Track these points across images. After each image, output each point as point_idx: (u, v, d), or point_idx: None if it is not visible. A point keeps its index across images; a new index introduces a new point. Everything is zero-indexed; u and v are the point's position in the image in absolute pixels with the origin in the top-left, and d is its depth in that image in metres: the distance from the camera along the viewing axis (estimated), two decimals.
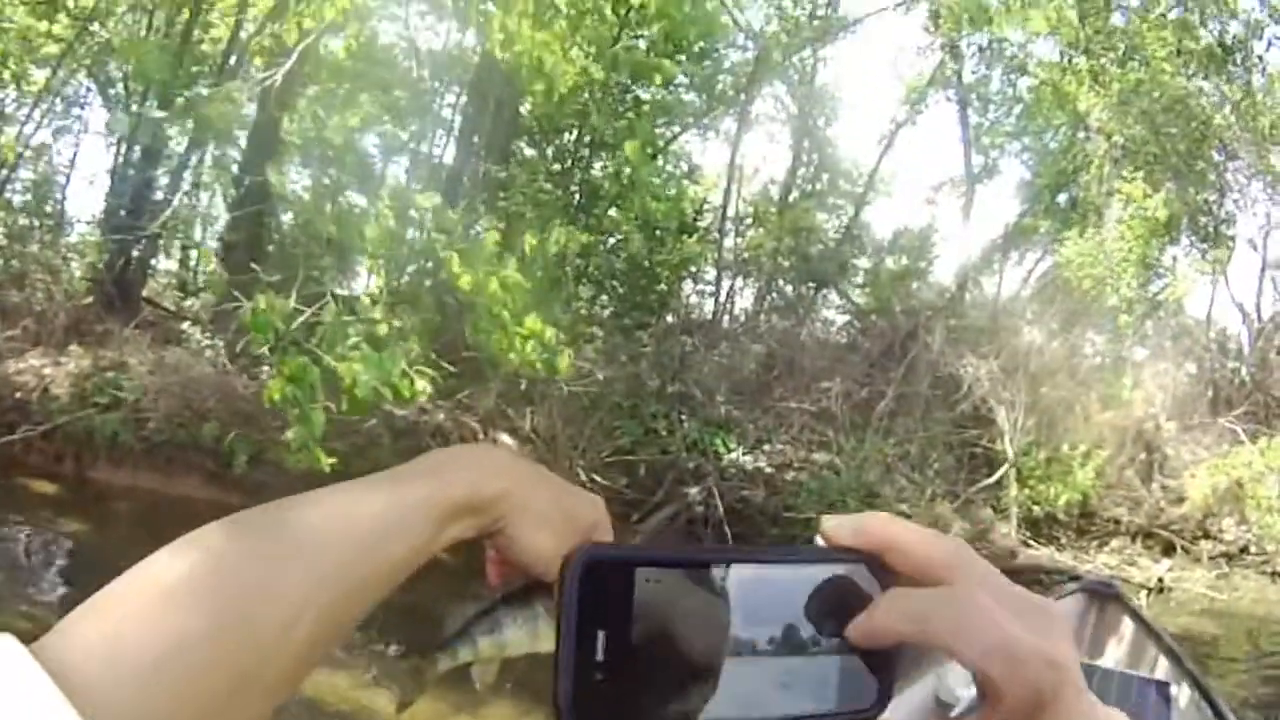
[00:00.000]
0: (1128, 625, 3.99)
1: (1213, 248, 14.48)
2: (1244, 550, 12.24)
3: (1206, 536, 12.23)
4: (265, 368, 8.02)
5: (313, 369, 3.77)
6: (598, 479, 9.03)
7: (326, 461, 4.11)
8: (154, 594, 0.40)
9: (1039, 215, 12.35)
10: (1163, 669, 3.47)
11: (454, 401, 9.31)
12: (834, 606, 0.41)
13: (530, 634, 0.56)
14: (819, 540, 0.43)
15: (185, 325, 10.48)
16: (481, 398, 9.25)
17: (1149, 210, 12.31)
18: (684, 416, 8.75)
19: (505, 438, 9.39)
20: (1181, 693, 3.10)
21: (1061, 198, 12.63)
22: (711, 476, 8.71)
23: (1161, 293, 12.85)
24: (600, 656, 0.38)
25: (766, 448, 8.84)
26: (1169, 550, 11.82)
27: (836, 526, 0.43)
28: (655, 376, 8.85)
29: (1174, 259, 13.89)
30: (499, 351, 4.49)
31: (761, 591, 0.41)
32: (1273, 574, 12.08)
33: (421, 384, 3.98)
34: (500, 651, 0.57)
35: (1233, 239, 15.40)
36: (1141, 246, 12.31)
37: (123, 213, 11.57)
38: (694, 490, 8.67)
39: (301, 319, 3.99)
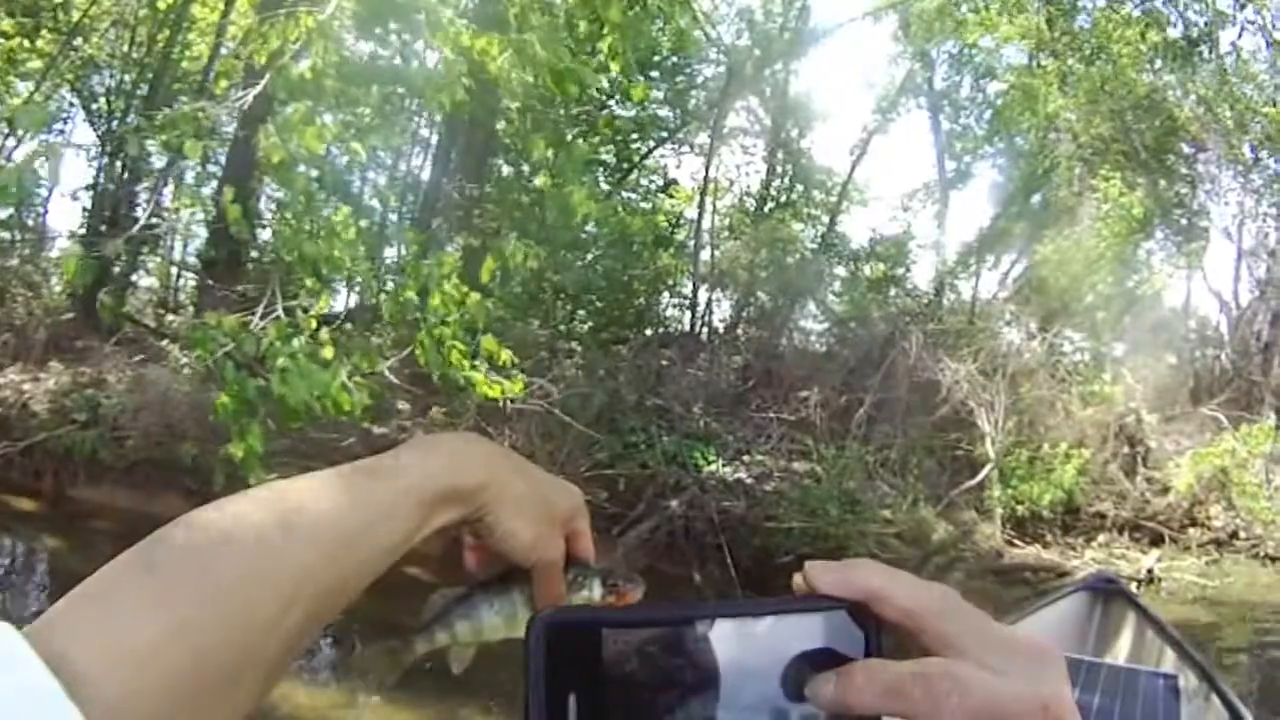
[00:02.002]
0: (1132, 619, 4.00)
1: (1188, 241, 14.60)
2: (1233, 536, 12.27)
3: (1194, 525, 12.26)
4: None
5: (248, 383, 3.81)
6: None
7: (259, 476, 4.12)
8: (148, 579, 0.40)
9: (1013, 218, 12.45)
10: (1169, 661, 3.46)
11: (431, 419, 9.37)
12: (815, 668, 0.39)
13: (507, 620, 0.57)
14: (799, 580, 0.42)
15: (164, 342, 10.46)
16: (460, 414, 9.29)
17: (1125, 208, 12.42)
18: (662, 430, 8.79)
19: None
20: (1189, 684, 3.10)
21: (1035, 199, 12.72)
22: (691, 489, 8.75)
23: (1139, 287, 12.94)
24: None
25: (746, 459, 8.88)
26: (1157, 541, 11.85)
27: (821, 572, 0.41)
28: (633, 390, 8.90)
29: (1149, 253, 14.02)
30: (441, 370, 4.51)
31: (740, 647, 0.40)
32: (1264, 558, 12.11)
33: (360, 397, 4.00)
34: (477, 637, 0.57)
35: (1207, 231, 15.54)
36: (1118, 244, 12.41)
37: (103, 228, 11.58)
38: (674, 503, 8.70)
39: (242, 335, 4.02)
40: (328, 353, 4.06)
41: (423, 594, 0.59)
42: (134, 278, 13.46)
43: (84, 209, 12.11)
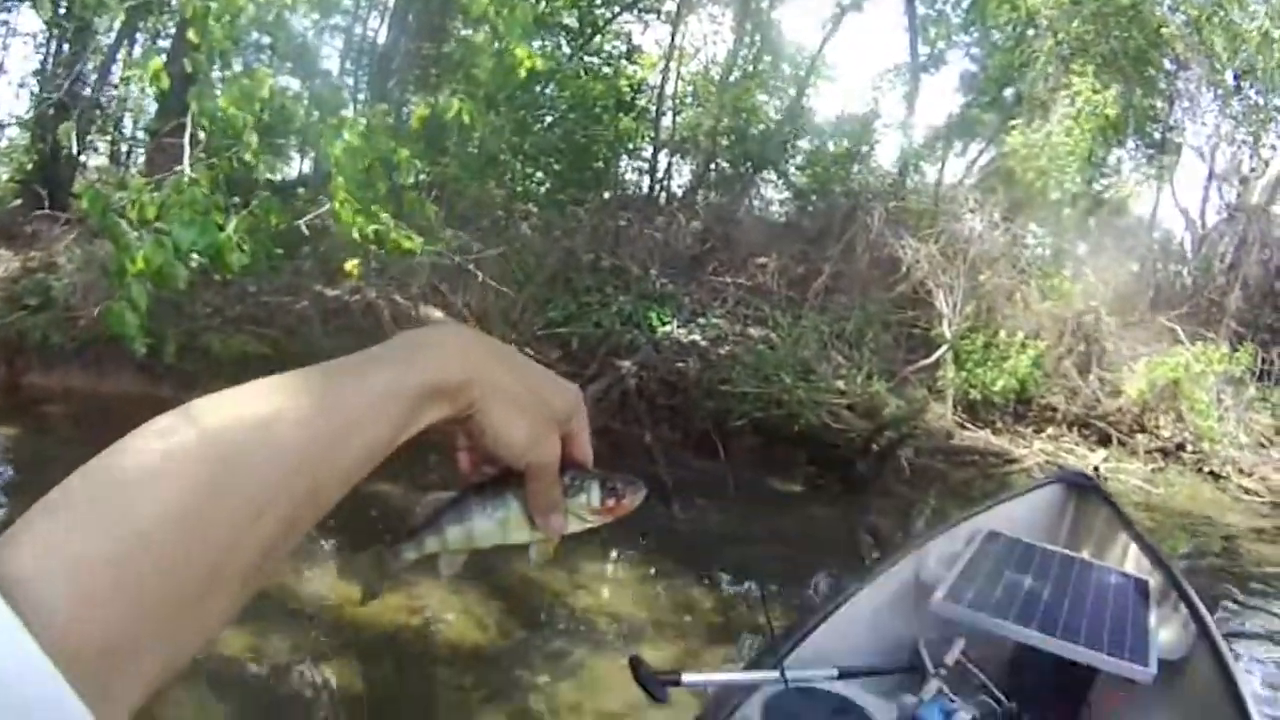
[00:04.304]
0: (1104, 518, 3.93)
1: (1159, 153, 14.55)
2: (1180, 448, 12.44)
3: (1143, 431, 12.41)
4: (195, 256, 7.82)
5: (127, 233, 3.60)
6: (530, 352, 8.92)
7: (143, 342, 3.97)
8: (111, 489, 0.37)
9: (984, 107, 12.26)
10: (1138, 564, 3.41)
11: (386, 279, 9.14)
12: None
13: (500, 525, 0.54)
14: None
15: (121, 221, 10.12)
16: (414, 274, 9.08)
17: (1098, 107, 12.26)
18: (618, 290, 8.62)
19: (437, 313, 9.25)
20: (1158, 588, 3.04)
21: (1008, 92, 12.53)
22: (645, 350, 8.62)
23: (1106, 191, 12.88)
24: None
25: (701, 322, 8.74)
26: (1105, 441, 12.00)
27: None
28: (589, 250, 8.70)
29: (1119, 160, 13.95)
30: (341, 224, 4.35)
31: None
32: (1208, 474, 12.30)
33: (238, 257, 3.82)
34: (469, 543, 0.55)
35: (1180, 148, 15.50)
36: (1088, 143, 12.28)
37: (51, 111, 11.18)
38: (628, 364, 8.57)
39: (138, 191, 3.81)
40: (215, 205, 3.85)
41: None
42: (83, 158, 13.01)
43: (31, 94, 11.67)
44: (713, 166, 9.63)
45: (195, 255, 3.93)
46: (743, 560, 6.31)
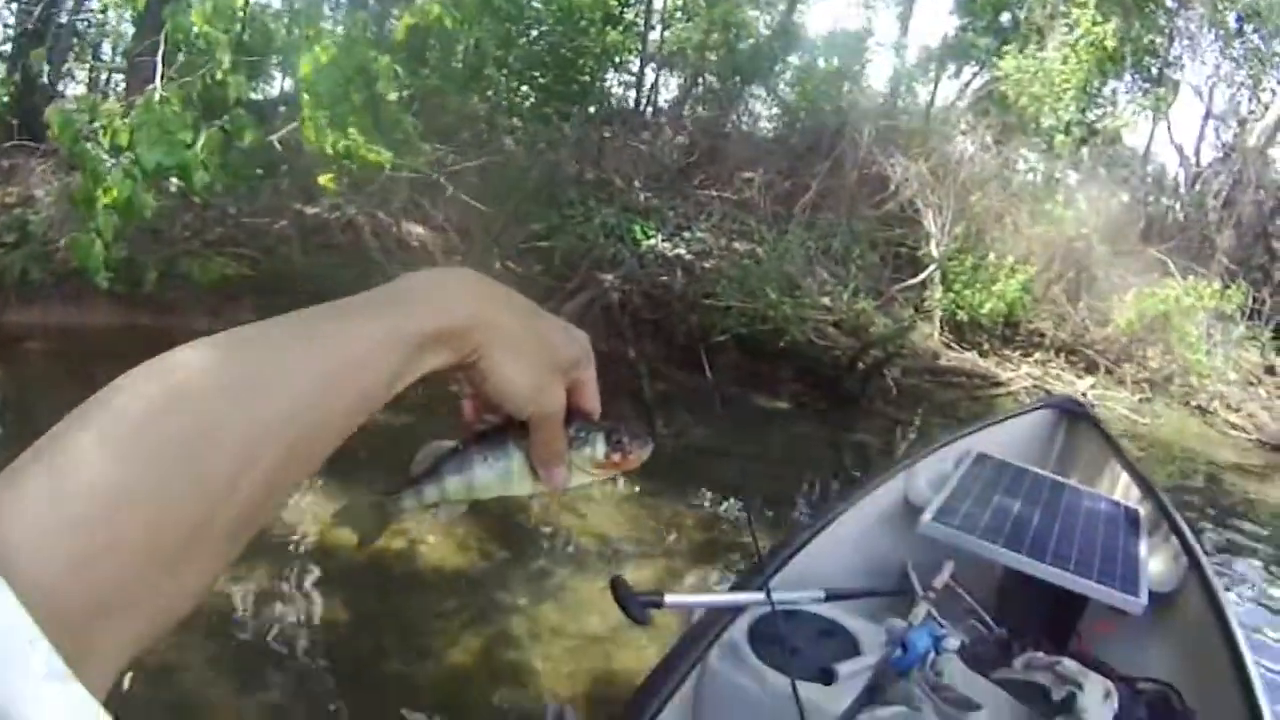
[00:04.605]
0: (1095, 446, 3.86)
1: (1156, 86, 14.37)
2: (1167, 380, 12.45)
3: (1130, 361, 12.42)
4: (174, 180, 7.72)
5: (96, 158, 3.49)
6: (512, 266, 8.86)
7: (105, 276, 3.89)
8: (91, 442, 0.35)
9: (980, 31, 12.05)
10: (1128, 493, 3.35)
11: (365, 194, 9.03)
12: None
13: (502, 476, 0.53)
14: None
15: (89, 146, 9.95)
16: (395, 190, 8.97)
17: (1097, 38, 12.07)
18: (601, 203, 8.52)
19: (418, 229, 9.16)
20: (1149, 517, 2.99)
21: (1004, 17, 12.32)
22: (629, 264, 8.54)
23: (1100, 120, 12.72)
24: None
25: (686, 235, 8.65)
26: (1092, 369, 12.01)
27: None
28: (573, 163, 8.58)
29: (1115, 92, 13.78)
30: (309, 141, 4.26)
31: None
32: (1195, 408, 12.32)
33: (201, 175, 3.73)
34: (470, 494, 0.55)
35: (1178, 85, 15.33)
36: (1084, 72, 12.10)
37: (25, 39, 10.92)
38: (610, 277, 8.50)
39: (107, 113, 3.71)
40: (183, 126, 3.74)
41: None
42: (62, 86, 12.75)
43: (4, 25, 11.39)
44: (700, 81, 9.48)
45: (170, 179, 3.86)
46: (726, 478, 6.25)
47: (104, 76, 13.68)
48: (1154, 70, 14.73)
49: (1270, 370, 13.45)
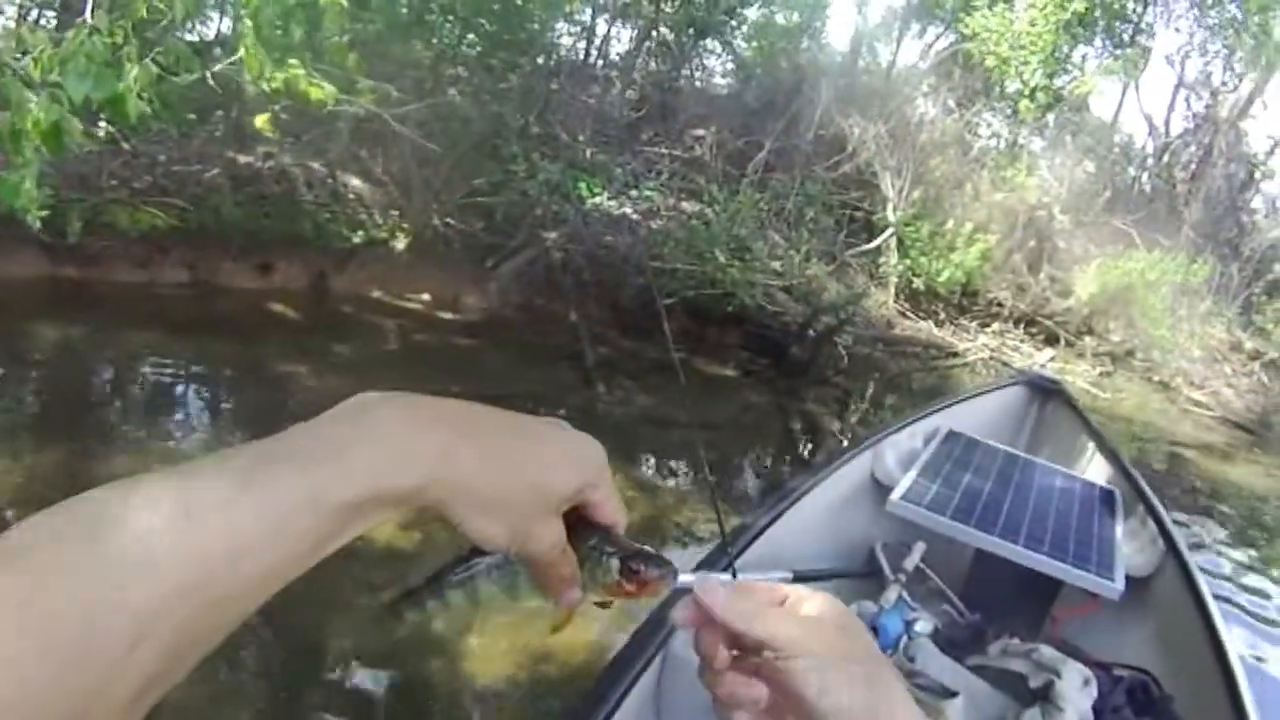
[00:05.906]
0: (1068, 424, 3.79)
1: (1125, 48, 14.12)
2: (1129, 354, 12.37)
3: (1091, 334, 12.31)
4: (104, 124, 7.30)
5: (22, 94, 3.17)
6: (452, 222, 8.53)
7: (38, 214, 3.57)
8: None
9: None
10: (1102, 473, 3.27)
11: (301, 143, 8.64)
12: None
13: (508, 588, 0.50)
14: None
15: (15, 79, 9.47)
16: (332, 139, 8.59)
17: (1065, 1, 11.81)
18: (546, 158, 8.18)
19: (356, 181, 8.79)
20: (1123, 497, 2.89)
21: None
22: (573, 222, 8.24)
23: (1067, 87, 12.48)
24: None
25: (633, 194, 8.35)
26: (1052, 341, 11.88)
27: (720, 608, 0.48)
28: (518, 116, 8.23)
29: (1084, 58, 13.52)
30: (251, 71, 3.96)
31: None
32: (1157, 383, 12.24)
33: (135, 104, 3.44)
34: (473, 605, 0.51)
35: (1149, 52, 15.08)
36: (1052, 35, 11.84)
37: None
38: (554, 235, 8.20)
39: (35, 43, 3.38)
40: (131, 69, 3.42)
41: None
42: None
43: None
44: (654, 34, 9.13)
45: (100, 117, 3.53)
46: (670, 447, 6.07)
47: (35, 13, 13.10)
48: (1125, 36, 14.47)
49: (1236, 347, 13.39)
